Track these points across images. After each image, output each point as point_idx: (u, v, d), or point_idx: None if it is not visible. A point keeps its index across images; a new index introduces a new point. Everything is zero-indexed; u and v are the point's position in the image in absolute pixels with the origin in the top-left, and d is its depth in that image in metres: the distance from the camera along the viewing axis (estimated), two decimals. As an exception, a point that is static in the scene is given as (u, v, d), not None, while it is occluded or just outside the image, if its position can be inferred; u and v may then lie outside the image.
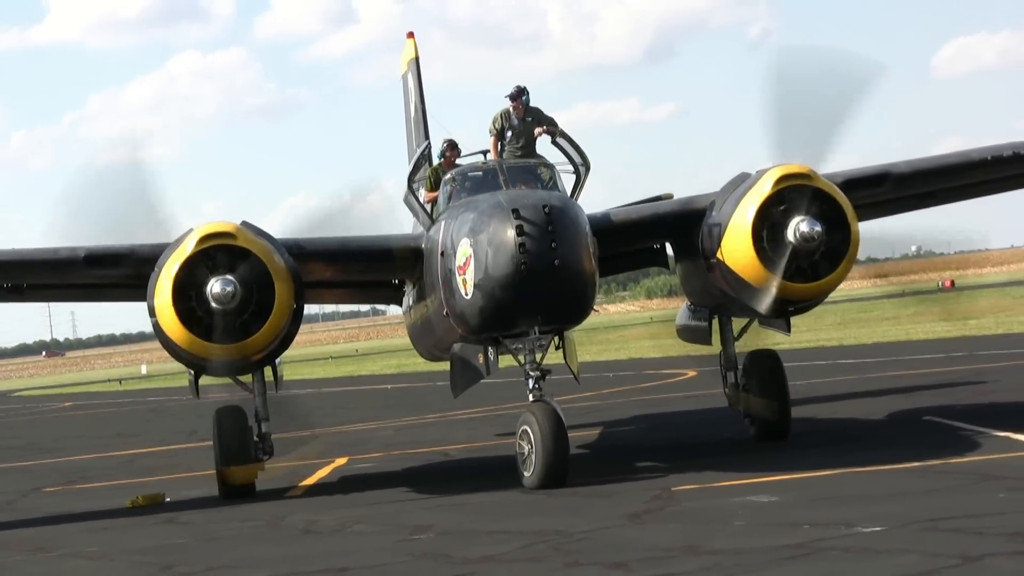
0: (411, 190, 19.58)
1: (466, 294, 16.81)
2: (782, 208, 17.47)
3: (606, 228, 18.90)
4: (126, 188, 18.60)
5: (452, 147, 19.90)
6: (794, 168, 17.66)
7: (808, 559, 11.12)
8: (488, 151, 19.52)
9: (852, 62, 19.93)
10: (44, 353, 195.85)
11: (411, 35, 26.89)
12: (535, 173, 18.41)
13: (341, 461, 22.65)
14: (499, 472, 17.94)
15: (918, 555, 10.71)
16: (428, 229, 18.72)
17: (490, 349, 18.06)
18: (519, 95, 19.50)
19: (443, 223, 17.79)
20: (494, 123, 19.58)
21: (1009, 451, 16.07)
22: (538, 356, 17.27)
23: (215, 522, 17.01)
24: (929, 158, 20.27)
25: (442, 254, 17.43)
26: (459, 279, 16.89)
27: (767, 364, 19.72)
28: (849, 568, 10.62)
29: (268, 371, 19.38)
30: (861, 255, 18.44)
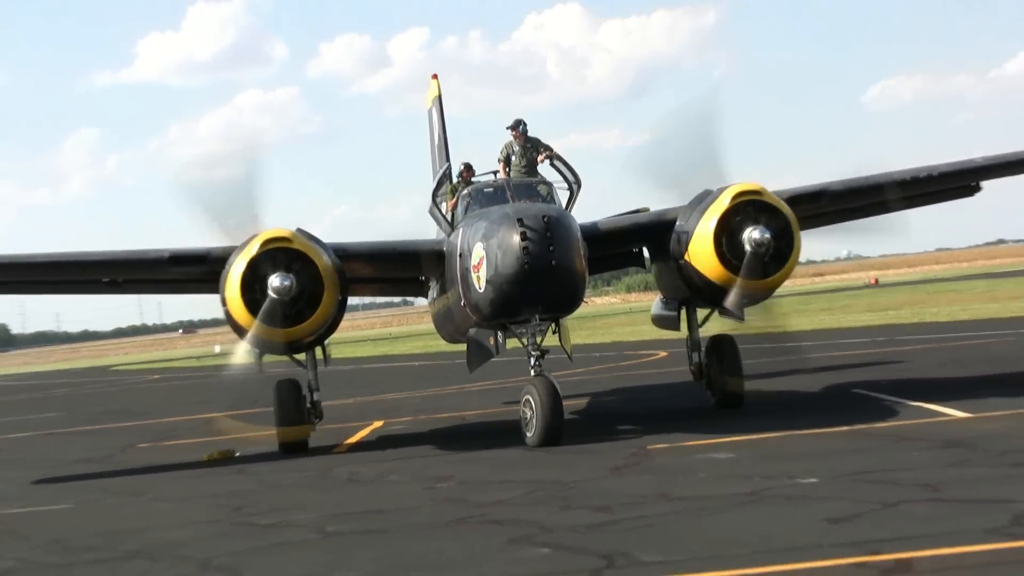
0: (435, 203, 19.67)
1: (480, 288, 16.85)
2: (738, 219, 17.50)
3: (595, 235, 18.97)
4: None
5: (468, 169, 19.98)
6: (748, 186, 17.69)
7: (757, 504, 11.16)
8: (498, 171, 19.59)
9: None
10: (181, 331, 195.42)
11: (435, 77, 26.86)
12: (536, 189, 18.46)
13: (378, 424, 22.68)
14: (506, 433, 17.95)
15: (847, 501, 10.76)
16: (448, 235, 18.75)
17: (499, 333, 18.10)
18: (516, 125, 19.63)
19: (461, 230, 17.82)
20: (501, 152, 19.68)
21: (922, 418, 16.08)
22: (538, 339, 17.32)
23: (276, 473, 17.06)
24: (860, 177, 20.18)
25: (460, 255, 17.46)
26: (474, 276, 16.93)
27: (725, 346, 19.72)
28: (791, 512, 10.65)
29: (318, 350, 19.45)
30: (802, 258, 18.44)
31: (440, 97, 26.15)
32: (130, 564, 11.23)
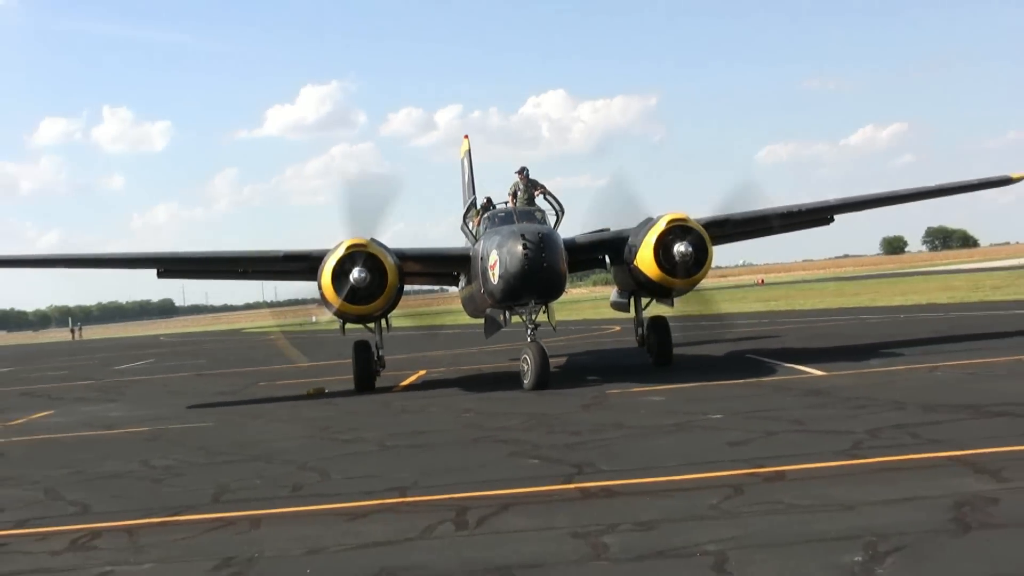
0: (464, 223, 19.62)
1: (494, 281, 16.82)
2: (670, 237, 17.52)
3: (572, 246, 18.96)
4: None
5: (488, 201, 19.89)
6: (678, 214, 17.75)
7: (682, 431, 11.13)
8: (508, 202, 19.55)
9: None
10: (317, 304, 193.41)
11: (466, 137, 26.86)
12: (534, 215, 18.39)
13: (423, 372, 22.65)
14: (510, 380, 17.95)
15: (741, 431, 10.74)
16: (473, 244, 18.73)
17: (506, 312, 18.10)
18: (521, 170, 19.64)
19: (482, 241, 17.77)
20: (510, 189, 19.68)
21: (794, 375, 16.03)
22: (533, 316, 17.31)
23: (352, 404, 17.04)
24: (753, 211, 20.20)
25: (481, 258, 17.44)
26: (491, 272, 16.90)
27: (660, 323, 19.70)
28: (703, 437, 10.62)
29: (384, 321, 19.40)
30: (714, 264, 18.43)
31: (469, 151, 26.14)
32: (252, 464, 11.23)
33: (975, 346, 18.20)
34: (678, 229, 17.68)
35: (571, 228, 19.80)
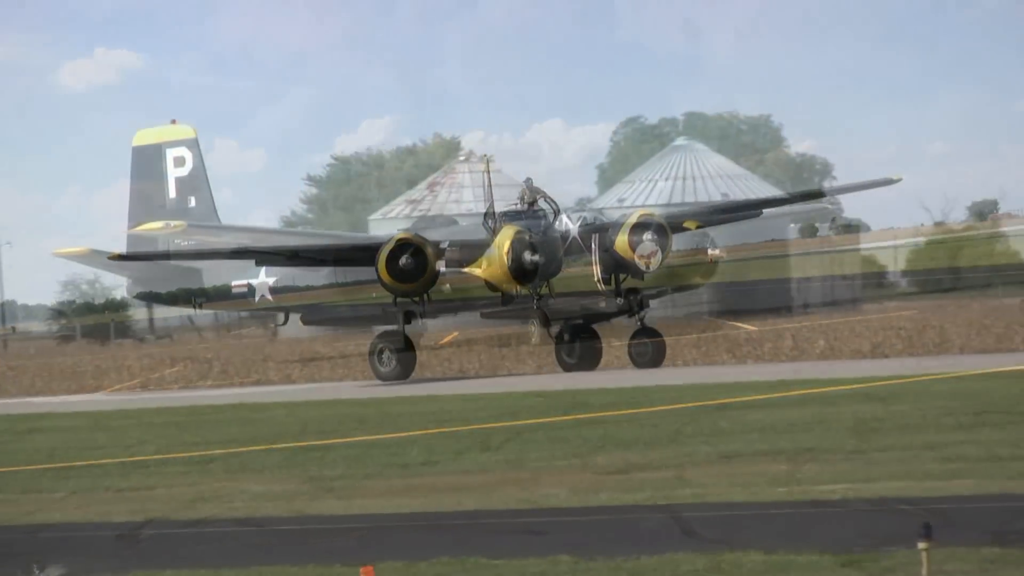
0: (486, 220, 19.39)
1: (508, 263, 16.73)
2: (640, 228, 17.42)
3: (566, 237, 18.77)
4: None
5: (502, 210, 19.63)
6: (646, 211, 17.62)
7: (654, 373, 11.05)
8: (517, 204, 19.35)
9: None
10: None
11: (486, 155, 26.61)
12: (536, 213, 18.24)
13: (455, 333, 22.54)
14: (521, 338, 17.80)
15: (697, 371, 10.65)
16: (493, 236, 18.55)
17: (517, 287, 17.93)
18: (527, 180, 19.42)
19: (499, 234, 17.64)
20: (519, 194, 19.42)
21: (734, 329, 15.91)
22: (538, 289, 17.12)
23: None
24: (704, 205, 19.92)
25: (499, 246, 17.27)
26: (505, 257, 16.79)
27: (635, 294, 19.53)
28: (670, 375, 10.55)
29: (426, 296, 19.21)
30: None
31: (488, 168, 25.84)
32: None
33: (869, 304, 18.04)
34: (646, 222, 17.53)
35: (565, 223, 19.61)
